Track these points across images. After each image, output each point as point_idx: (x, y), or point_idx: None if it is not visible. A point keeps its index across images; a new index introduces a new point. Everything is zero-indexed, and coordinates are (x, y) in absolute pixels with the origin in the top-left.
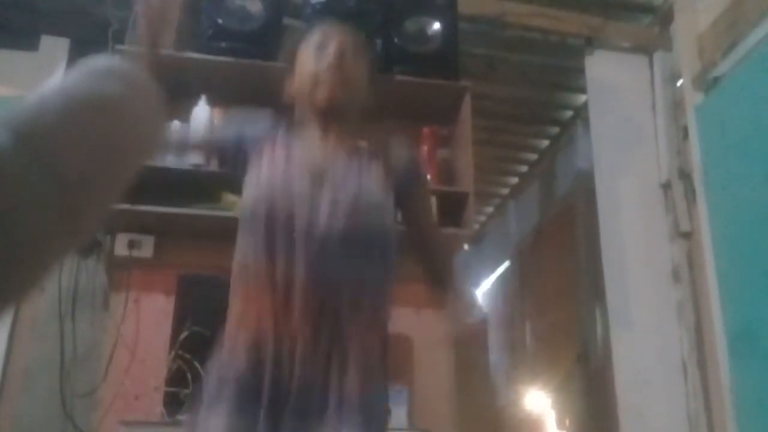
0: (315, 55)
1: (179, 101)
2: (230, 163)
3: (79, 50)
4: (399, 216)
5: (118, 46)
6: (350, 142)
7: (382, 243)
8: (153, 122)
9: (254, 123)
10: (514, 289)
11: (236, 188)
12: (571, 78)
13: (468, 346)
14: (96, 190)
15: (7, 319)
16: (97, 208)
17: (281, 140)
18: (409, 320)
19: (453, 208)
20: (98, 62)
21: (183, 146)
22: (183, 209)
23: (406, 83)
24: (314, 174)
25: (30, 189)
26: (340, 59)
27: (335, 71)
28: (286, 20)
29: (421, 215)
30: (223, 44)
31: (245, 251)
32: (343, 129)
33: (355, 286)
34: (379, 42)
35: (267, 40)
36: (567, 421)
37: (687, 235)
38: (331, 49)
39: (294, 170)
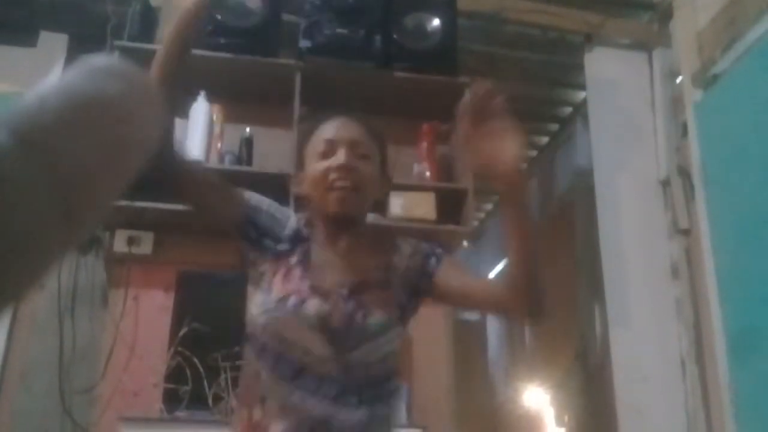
0: (323, 158)
1: (178, 97)
2: (240, 234)
3: (77, 46)
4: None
5: (117, 42)
6: (361, 257)
7: (387, 373)
8: (152, 120)
9: (281, 224)
10: None
11: (235, 185)
12: (571, 75)
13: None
14: (95, 188)
15: (7, 316)
16: (96, 206)
17: (297, 256)
18: None
19: (452, 205)
20: (97, 60)
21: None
22: (182, 206)
23: (406, 79)
24: (325, 299)
25: (29, 187)
26: (350, 163)
27: (345, 177)
28: (285, 16)
29: (477, 281)
30: (222, 40)
31: (256, 367)
32: (353, 234)
33: (371, 421)
34: (378, 38)
35: (266, 37)
36: (566, 418)
37: (686, 232)
38: (340, 152)
39: (304, 294)
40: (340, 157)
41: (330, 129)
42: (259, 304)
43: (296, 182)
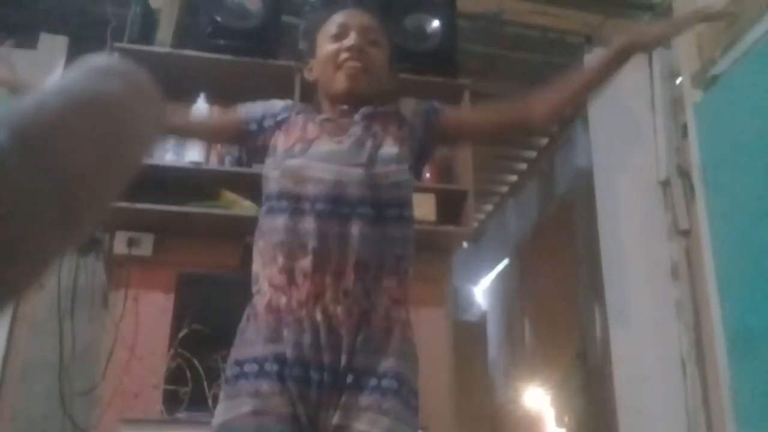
0: (335, 41)
1: (178, 99)
2: (246, 141)
3: (77, 48)
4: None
5: (117, 44)
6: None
7: (401, 202)
8: (152, 120)
9: (272, 106)
10: (513, 287)
11: (235, 186)
12: None
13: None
14: (95, 187)
15: (6, 317)
16: (95, 205)
17: (301, 118)
18: None
19: (452, 206)
20: (97, 60)
21: (185, 129)
22: (182, 207)
23: (405, 81)
24: (333, 134)
25: (29, 186)
26: (361, 45)
27: (356, 58)
28: (285, 18)
29: (484, 113)
30: (222, 42)
31: (271, 226)
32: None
33: (380, 250)
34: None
35: (266, 38)
36: (566, 419)
37: (686, 233)
38: (352, 34)
39: (314, 143)
40: (352, 38)
41: (343, 14)
42: (269, 164)
43: (307, 68)
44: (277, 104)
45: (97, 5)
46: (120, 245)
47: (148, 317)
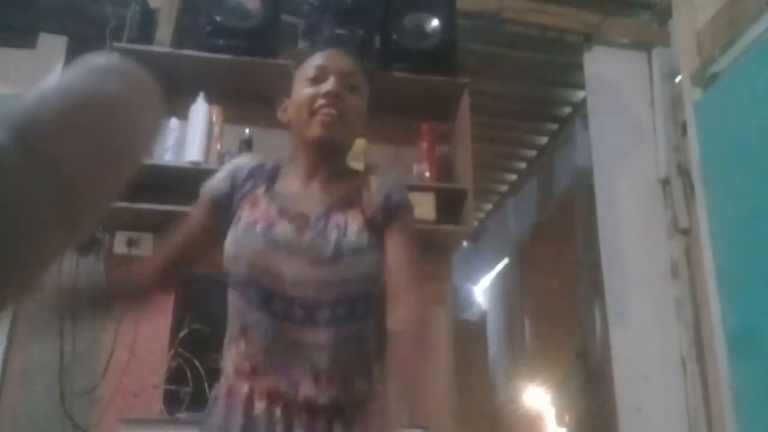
0: (312, 84)
1: (178, 98)
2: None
3: (76, 48)
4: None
5: (116, 44)
6: (336, 185)
7: (366, 292)
8: (151, 120)
9: (235, 176)
10: (513, 286)
11: None
12: (570, 74)
13: None
14: (95, 185)
15: (7, 317)
16: (96, 204)
17: (263, 186)
18: None
19: (452, 205)
20: (97, 60)
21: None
22: (182, 207)
23: (405, 80)
24: (295, 222)
25: (28, 186)
26: (339, 92)
27: (332, 105)
28: (284, 17)
29: (392, 262)
30: (221, 41)
31: (234, 305)
32: (333, 166)
33: (339, 340)
34: (377, 38)
35: (265, 38)
36: (567, 418)
37: (686, 232)
38: (331, 79)
39: (275, 218)
40: (330, 84)
41: (323, 56)
42: (229, 238)
43: (281, 108)
44: (241, 172)
45: (96, 5)
46: (120, 245)
47: (148, 317)
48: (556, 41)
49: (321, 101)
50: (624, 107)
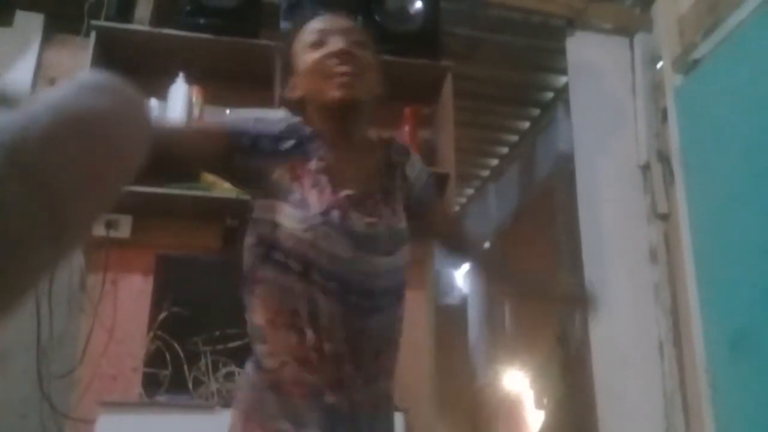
0: (316, 48)
1: (157, 78)
2: (234, 160)
3: (54, 25)
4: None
5: (94, 22)
6: (366, 160)
7: (398, 285)
8: (141, 136)
9: (271, 132)
10: None
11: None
12: (553, 59)
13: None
14: (84, 203)
15: None
16: (85, 222)
17: (315, 161)
18: None
19: (434, 189)
20: (87, 76)
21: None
22: (161, 189)
23: (387, 62)
24: (360, 209)
25: (17, 202)
26: (348, 48)
27: (345, 62)
28: None
29: (444, 225)
30: (202, 20)
31: (289, 290)
32: (359, 126)
33: (395, 325)
34: (359, 20)
35: (246, 17)
36: (545, 401)
37: (665, 217)
38: (335, 38)
39: (344, 207)
40: (337, 42)
41: (320, 21)
42: (299, 219)
43: (289, 88)
44: (274, 124)
45: None
46: (98, 227)
47: (126, 300)
48: (540, 26)
49: (333, 60)
50: (606, 92)
